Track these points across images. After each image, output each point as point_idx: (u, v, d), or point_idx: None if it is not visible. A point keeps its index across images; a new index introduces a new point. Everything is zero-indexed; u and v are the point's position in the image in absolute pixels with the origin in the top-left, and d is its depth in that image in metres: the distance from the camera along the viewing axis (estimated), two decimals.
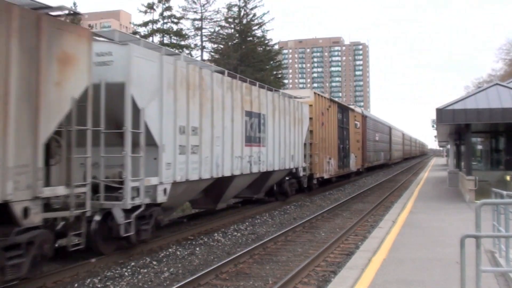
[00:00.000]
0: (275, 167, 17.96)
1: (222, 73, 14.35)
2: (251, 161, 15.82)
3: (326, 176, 25.45)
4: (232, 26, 49.72)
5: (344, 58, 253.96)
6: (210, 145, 13.03)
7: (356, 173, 35.94)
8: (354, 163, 33.48)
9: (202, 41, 49.17)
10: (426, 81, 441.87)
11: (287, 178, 20.36)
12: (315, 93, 24.57)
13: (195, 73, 12.48)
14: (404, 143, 76.77)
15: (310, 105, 22.95)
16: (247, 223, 15.20)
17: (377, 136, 46.44)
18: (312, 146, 23.01)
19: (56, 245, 9.17)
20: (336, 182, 29.87)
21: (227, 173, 14.17)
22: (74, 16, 9.82)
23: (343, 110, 31.18)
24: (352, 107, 36.23)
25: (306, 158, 21.98)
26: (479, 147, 25.02)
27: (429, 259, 8.60)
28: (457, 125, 19.64)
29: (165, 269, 9.62)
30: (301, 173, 21.15)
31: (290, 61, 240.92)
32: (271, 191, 19.93)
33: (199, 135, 12.45)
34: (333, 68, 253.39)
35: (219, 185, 14.28)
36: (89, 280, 8.77)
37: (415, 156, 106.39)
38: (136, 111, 10.25)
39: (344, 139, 30.65)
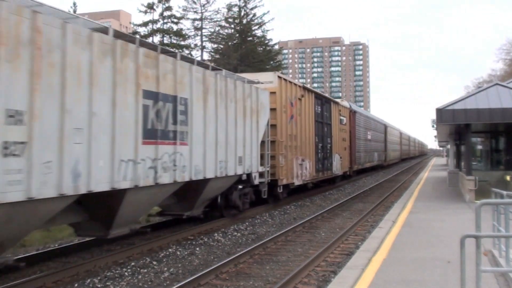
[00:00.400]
0: (207, 174, 12.59)
1: (104, 31, 9.31)
2: (157, 167, 10.41)
3: (297, 182, 20.43)
4: (232, 26, 49.81)
5: (344, 58, 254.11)
6: (57, 141, 8.01)
7: (342, 176, 31.13)
8: (339, 165, 28.55)
9: (202, 41, 49.29)
10: (426, 81, 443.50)
11: (240, 186, 15.42)
12: (279, 77, 19.13)
13: (19, 19, 7.35)
14: (402, 142, 72.70)
15: (273, 93, 18.12)
16: (247, 223, 15.20)
17: (369, 135, 41.16)
18: (275, 144, 18.19)
19: None
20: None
21: (101, 187, 8.83)
22: None
23: (324, 102, 25.76)
24: (338, 100, 31.27)
25: (266, 160, 17.11)
26: (479, 147, 25.03)
27: (429, 259, 8.60)
28: (457, 125, 19.65)
29: (165, 269, 9.63)
30: (257, 180, 16.13)
31: (290, 61, 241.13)
32: (215, 204, 14.99)
33: (27, 124, 7.42)
34: (333, 68, 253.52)
35: (105, 204, 9.70)
36: (89, 280, 8.76)
37: (414, 157, 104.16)
38: None
39: (325, 136, 25.49)
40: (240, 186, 15.47)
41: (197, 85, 12.35)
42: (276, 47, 55.36)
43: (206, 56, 49.24)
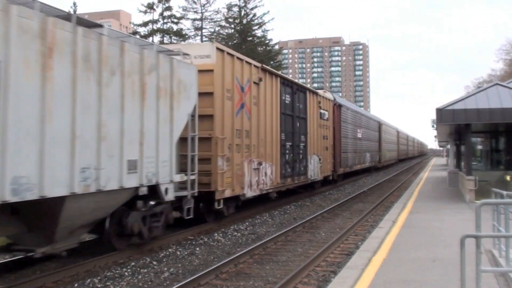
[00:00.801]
0: (49, 191, 7.78)
1: None
2: None
3: (251, 192, 15.75)
4: (232, 26, 49.90)
5: (344, 58, 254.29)
6: None
7: (324, 182, 26.40)
8: (317, 169, 23.70)
9: (202, 41, 49.29)
10: (426, 81, 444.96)
11: (152, 202, 11.00)
12: (220, 50, 13.91)
13: None
14: (400, 142, 68.36)
15: (208, 71, 13.27)
16: (247, 223, 15.19)
17: (359, 133, 36.19)
18: (212, 142, 13.37)
19: None
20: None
21: None
22: None
23: (295, 90, 20.70)
24: (321, 92, 26.34)
25: (189, 164, 11.90)
26: (479, 147, 25.03)
27: (429, 259, 8.61)
28: (457, 125, 19.66)
29: (165, 269, 9.62)
30: (171, 194, 11.19)
31: (290, 61, 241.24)
32: (102, 230, 10.24)
33: None
34: (333, 68, 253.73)
35: None
36: (89, 280, 8.76)
37: (413, 157, 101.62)
38: None
39: (296, 133, 20.63)
40: (152, 202, 10.96)
41: (23, 40, 7.50)
42: (276, 47, 55.52)
43: None
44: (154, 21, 45.07)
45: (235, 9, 49.56)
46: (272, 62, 51.28)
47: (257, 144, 16.42)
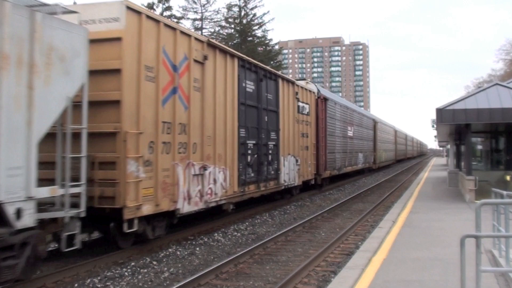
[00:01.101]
0: None
1: None
2: None
3: (189, 207, 11.98)
4: (232, 26, 49.93)
5: (344, 58, 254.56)
6: None
7: (305, 187, 22.77)
8: (294, 173, 20.07)
9: None
10: (426, 81, 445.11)
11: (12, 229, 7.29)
12: (133, 9, 9.91)
13: None
14: (397, 141, 64.79)
15: (114, 39, 9.62)
16: (247, 223, 15.20)
17: (350, 131, 32.27)
18: (117, 140, 9.65)
19: None
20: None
21: None
22: None
23: (262, 76, 16.79)
24: (301, 82, 22.78)
25: (68, 171, 8.31)
26: (479, 147, 25.02)
27: (429, 259, 8.61)
28: (457, 125, 19.66)
29: (165, 269, 9.63)
30: (26, 219, 7.34)
31: (290, 61, 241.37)
32: None
33: None
34: (333, 68, 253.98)
35: None
36: (89, 280, 8.77)
37: (412, 157, 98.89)
38: None
39: (264, 129, 16.90)
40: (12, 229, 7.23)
41: None
42: (276, 47, 55.57)
43: None
44: None
45: (235, 9, 49.66)
46: (272, 62, 51.32)
47: (200, 143, 12.57)
